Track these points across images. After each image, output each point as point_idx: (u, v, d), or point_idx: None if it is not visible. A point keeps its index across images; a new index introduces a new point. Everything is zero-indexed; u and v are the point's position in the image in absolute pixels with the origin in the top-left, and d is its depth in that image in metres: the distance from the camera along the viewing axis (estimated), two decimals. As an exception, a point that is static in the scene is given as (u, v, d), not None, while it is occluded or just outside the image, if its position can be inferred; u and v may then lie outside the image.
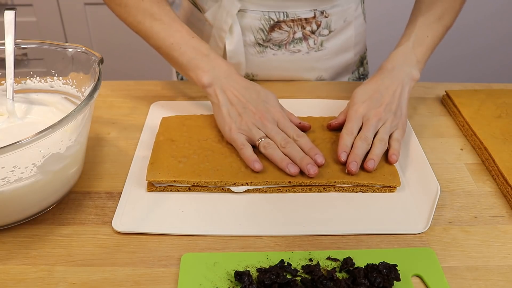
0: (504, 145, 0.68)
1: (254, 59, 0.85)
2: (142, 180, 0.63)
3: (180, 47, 0.70)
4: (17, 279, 0.51)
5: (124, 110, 0.79)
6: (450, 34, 0.79)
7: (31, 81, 0.67)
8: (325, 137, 0.69)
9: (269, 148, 0.63)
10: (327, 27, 0.84)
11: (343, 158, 0.63)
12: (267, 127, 0.65)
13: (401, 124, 0.68)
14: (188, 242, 0.55)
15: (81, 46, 0.64)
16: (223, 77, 0.69)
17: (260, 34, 0.82)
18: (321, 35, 0.84)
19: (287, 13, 0.80)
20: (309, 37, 0.83)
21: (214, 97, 0.69)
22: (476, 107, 0.76)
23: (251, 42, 0.83)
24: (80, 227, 0.57)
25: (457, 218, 0.59)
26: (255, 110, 0.67)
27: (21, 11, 1.70)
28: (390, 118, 0.67)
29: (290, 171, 0.61)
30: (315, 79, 0.90)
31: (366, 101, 0.68)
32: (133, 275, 0.51)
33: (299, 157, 0.61)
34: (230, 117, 0.67)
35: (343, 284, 0.48)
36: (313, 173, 0.60)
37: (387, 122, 0.67)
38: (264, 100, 0.68)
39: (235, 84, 0.69)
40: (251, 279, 0.49)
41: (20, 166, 0.50)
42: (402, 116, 0.68)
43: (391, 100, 0.68)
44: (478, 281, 0.51)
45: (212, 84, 0.69)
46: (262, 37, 0.82)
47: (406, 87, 0.70)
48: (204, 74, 0.69)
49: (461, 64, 2.01)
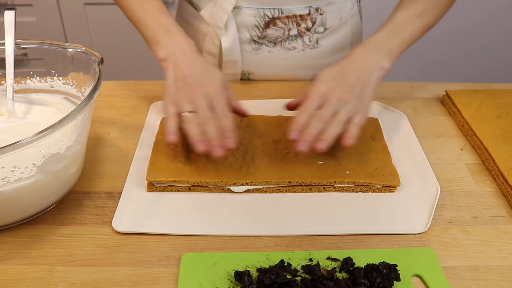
0: (504, 145, 0.68)
1: (250, 56, 0.85)
2: (142, 180, 0.63)
3: (147, 21, 0.72)
4: (17, 279, 0.51)
5: (124, 110, 0.79)
6: (450, 34, 0.79)
7: (31, 81, 0.67)
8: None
9: (187, 123, 0.62)
10: (323, 24, 0.84)
11: (293, 136, 0.60)
12: (196, 102, 0.64)
13: (363, 109, 0.65)
14: (188, 242, 0.55)
15: (81, 46, 0.64)
16: (178, 53, 0.70)
17: (255, 31, 0.82)
18: (317, 33, 0.84)
19: (282, 10, 0.80)
20: (304, 34, 0.83)
21: (165, 71, 0.70)
22: (476, 107, 0.76)
23: (247, 39, 0.83)
24: (80, 227, 0.57)
25: (457, 218, 0.59)
26: (192, 85, 0.66)
27: (21, 11, 1.70)
28: (353, 100, 0.64)
29: (198, 148, 0.60)
30: (312, 77, 0.90)
31: (329, 80, 0.66)
32: (133, 275, 0.51)
33: (211, 136, 0.60)
34: (169, 90, 0.67)
35: (343, 284, 0.48)
36: (216, 154, 0.59)
37: (348, 104, 0.64)
38: (206, 77, 0.67)
39: (186, 60, 0.69)
40: (251, 279, 0.49)
41: (20, 166, 0.50)
42: (365, 101, 0.66)
43: (356, 84, 0.66)
44: (478, 281, 0.51)
45: (167, 58, 0.70)
46: (257, 34, 0.82)
47: (374, 74, 0.68)
48: (162, 48, 0.70)
49: (461, 64, 2.01)
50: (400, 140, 0.72)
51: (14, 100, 0.64)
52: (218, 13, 0.80)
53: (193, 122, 0.62)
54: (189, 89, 0.65)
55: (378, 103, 0.80)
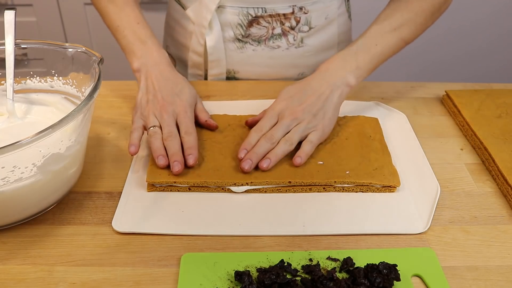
0: (504, 145, 0.68)
1: (234, 55, 0.86)
2: (142, 180, 0.63)
3: (124, 31, 0.74)
4: (17, 279, 0.51)
5: (124, 110, 0.79)
6: (450, 34, 0.79)
7: (31, 81, 0.67)
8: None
9: (152, 137, 0.64)
10: (307, 23, 0.84)
11: (240, 155, 0.62)
12: (163, 117, 0.66)
13: (321, 126, 0.66)
14: (188, 242, 0.55)
15: (81, 46, 0.64)
16: (151, 65, 0.72)
17: (239, 29, 0.83)
18: (301, 32, 0.84)
19: (265, 9, 0.81)
20: (288, 33, 0.84)
21: (138, 82, 0.72)
22: (476, 107, 0.76)
23: (231, 37, 0.84)
24: (80, 227, 0.57)
25: (457, 218, 0.59)
26: (161, 101, 0.68)
27: (21, 11, 1.70)
28: (307, 118, 0.65)
29: (158, 162, 0.61)
30: (297, 76, 0.90)
31: (287, 99, 0.67)
32: (133, 275, 0.51)
33: (171, 152, 0.62)
34: (139, 102, 0.69)
35: (343, 284, 0.48)
36: (175, 171, 0.60)
37: (302, 122, 0.65)
38: (175, 93, 0.69)
39: (158, 74, 0.71)
40: (251, 279, 0.49)
41: (20, 166, 0.50)
42: (324, 119, 0.66)
43: (315, 102, 0.66)
44: (478, 281, 0.51)
45: (140, 70, 0.72)
46: (241, 33, 0.83)
47: (336, 91, 0.68)
48: (136, 60, 0.73)
49: (461, 64, 2.01)
50: (400, 140, 0.72)
51: (14, 100, 0.64)
52: (203, 12, 0.81)
53: (157, 137, 0.64)
54: (157, 104, 0.67)
55: (378, 103, 0.80)
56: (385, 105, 0.79)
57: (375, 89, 0.86)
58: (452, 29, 1.82)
